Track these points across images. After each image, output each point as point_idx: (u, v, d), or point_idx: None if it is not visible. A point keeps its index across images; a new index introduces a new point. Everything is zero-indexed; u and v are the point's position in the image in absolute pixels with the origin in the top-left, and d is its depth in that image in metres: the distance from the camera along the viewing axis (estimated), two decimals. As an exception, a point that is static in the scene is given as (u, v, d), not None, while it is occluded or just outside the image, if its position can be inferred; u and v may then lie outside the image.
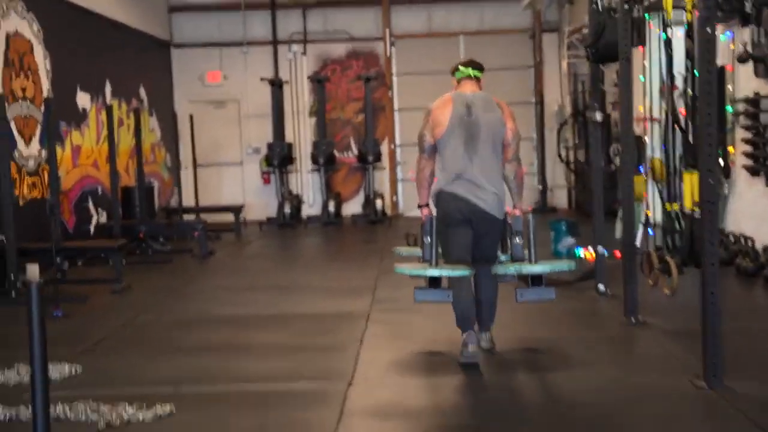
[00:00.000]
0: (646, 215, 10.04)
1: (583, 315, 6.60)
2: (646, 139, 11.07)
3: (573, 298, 7.11)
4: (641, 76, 10.96)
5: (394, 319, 6.45)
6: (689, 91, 5.07)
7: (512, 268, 4.97)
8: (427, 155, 5.22)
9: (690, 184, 4.70)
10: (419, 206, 5.37)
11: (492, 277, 5.22)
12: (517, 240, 5.11)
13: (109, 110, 9.97)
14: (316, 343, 5.82)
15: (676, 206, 5.81)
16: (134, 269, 9.57)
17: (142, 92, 13.84)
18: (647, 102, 11.18)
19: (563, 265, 5.23)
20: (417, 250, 5.63)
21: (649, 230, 9.81)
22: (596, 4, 6.82)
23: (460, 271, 4.96)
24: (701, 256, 4.35)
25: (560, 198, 15.52)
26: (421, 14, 15.49)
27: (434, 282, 4.91)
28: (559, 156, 15.07)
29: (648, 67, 11.13)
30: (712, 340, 4.30)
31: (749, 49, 5.62)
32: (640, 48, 6.75)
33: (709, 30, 4.20)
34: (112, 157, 9.90)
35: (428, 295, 4.94)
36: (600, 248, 7.12)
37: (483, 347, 5.24)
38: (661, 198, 9.09)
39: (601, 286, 7.09)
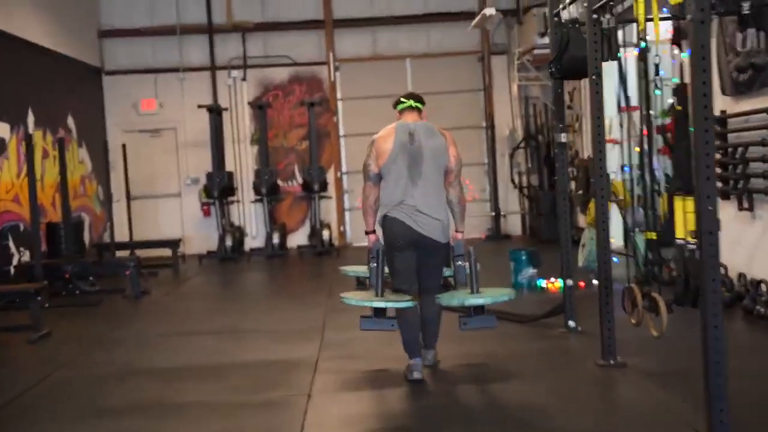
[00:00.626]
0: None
1: (554, 354, 5.99)
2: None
3: (541, 335, 6.52)
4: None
5: (345, 367, 5.76)
6: (677, 107, 4.51)
7: (455, 300, 4.95)
8: (372, 183, 5.35)
9: (683, 211, 4.14)
10: (366, 233, 5.44)
11: (435, 303, 5.31)
12: (460, 263, 5.22)
13: (28, 140, 9.14)
14: (258, 400, 5.10)
15: (653, 235, 5.25)
16: (58, 313, 8.73)
17: (71, 122, 13.00)
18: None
19: (503, 296, 5.12)
20: (363, 269, 5.76)
21: (614, 259, 9.36)
22: (557, 16, 6.30)
23: (404, 303, 4.99)
24: (701, 292, 3.77)
25: (514, 224, 15.02)
26: (365, 37, 14.95)
27: (379, 311, 4.97)
28: (512, 181, 14.64)
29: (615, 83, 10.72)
30: (718, 392, 3.71)
31: (748, 56, 5.10)
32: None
33: (703, 35, 3.65)
34: (32, 190, 9.06)
35: (373, 324, 4.96)
36: (569, 281, 6.55)
37: (427, 364, 5.43)
38: (625, 224, 8.60)
39: (572, 322, 6.52)
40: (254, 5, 14.73)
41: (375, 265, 5.07)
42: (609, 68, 10.30)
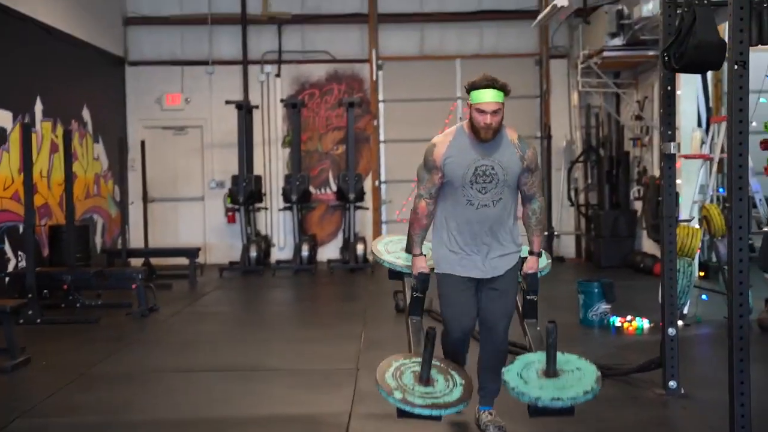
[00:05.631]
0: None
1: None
2: (679, 181, 9.24)
3: (633, 398, 5.13)
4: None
5: (386, 432, 4.43)
6: None
7: (526, 398, 3.96)
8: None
9: None
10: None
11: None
12: (530, 297, 4.46)
13: (25, 129, 7.96)
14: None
15: None
16: (48, 331, 7.53)
17: (86, 114, 11.82)
18: (680, 136, 9.37)
19: (588, 394, 3.95)
20: (400, 251, 4.88)
21: (704, 296, 7.93)
22: (672, -6, 4.93)
23: (456, 408, 3.99)
24: None
25: (568, 246, 13.59)
26: (412, 34, 13.64)
27: None
28: (569, 198, 13.24)
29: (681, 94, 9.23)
30: None
31: None
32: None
33: None
34: (27, 186, 7.90)
35: (413, 413, 4.01)
36: (671, 330, 5.15)
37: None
38: (718, 255, 7.17)
39: (673, 383, 5.12)
40: (292, -5, 13.52)
41: (424, 349, 4.08)
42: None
